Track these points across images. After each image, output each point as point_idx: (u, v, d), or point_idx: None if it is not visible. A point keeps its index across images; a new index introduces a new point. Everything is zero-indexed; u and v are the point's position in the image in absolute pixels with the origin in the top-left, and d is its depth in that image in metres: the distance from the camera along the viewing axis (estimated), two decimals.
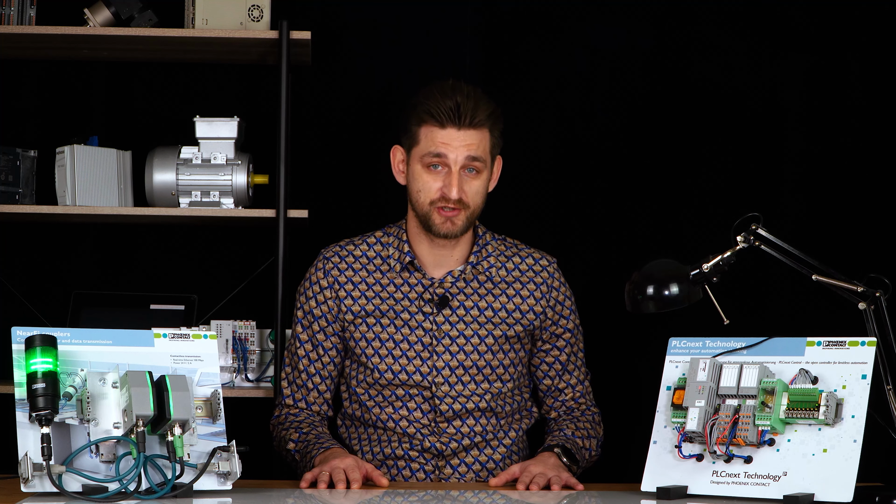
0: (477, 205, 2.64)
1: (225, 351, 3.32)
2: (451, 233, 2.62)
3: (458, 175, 2.59)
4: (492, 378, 2.67)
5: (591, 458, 2.69)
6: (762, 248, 2.37)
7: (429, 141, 2.60)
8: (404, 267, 2.69)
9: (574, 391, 2.74)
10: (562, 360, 2.73)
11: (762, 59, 3.59)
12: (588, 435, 2.68)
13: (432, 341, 2.65)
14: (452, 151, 2.59)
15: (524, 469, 2.47)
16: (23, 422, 2.12)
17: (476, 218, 2.67)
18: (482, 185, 2.63)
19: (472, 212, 2.63)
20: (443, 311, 2.67)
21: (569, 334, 2.74)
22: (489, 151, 2.63)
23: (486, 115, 2.60)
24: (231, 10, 3.35)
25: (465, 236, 2.70)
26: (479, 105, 2.60)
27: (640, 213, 3.59)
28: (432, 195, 2.61)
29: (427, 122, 2.60)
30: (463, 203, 2.60)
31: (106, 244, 3.61)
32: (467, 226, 2.64)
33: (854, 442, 2.13)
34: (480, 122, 2.59)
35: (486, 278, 2.70)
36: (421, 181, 2.62)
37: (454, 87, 2.61)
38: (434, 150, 2.59)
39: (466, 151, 2.59)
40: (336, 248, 2.75)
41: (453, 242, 2.68)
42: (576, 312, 2.77)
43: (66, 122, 3.58)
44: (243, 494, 2.22)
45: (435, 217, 2.62)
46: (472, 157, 2.59)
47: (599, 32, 3.60)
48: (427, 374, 2.64)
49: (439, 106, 2.58)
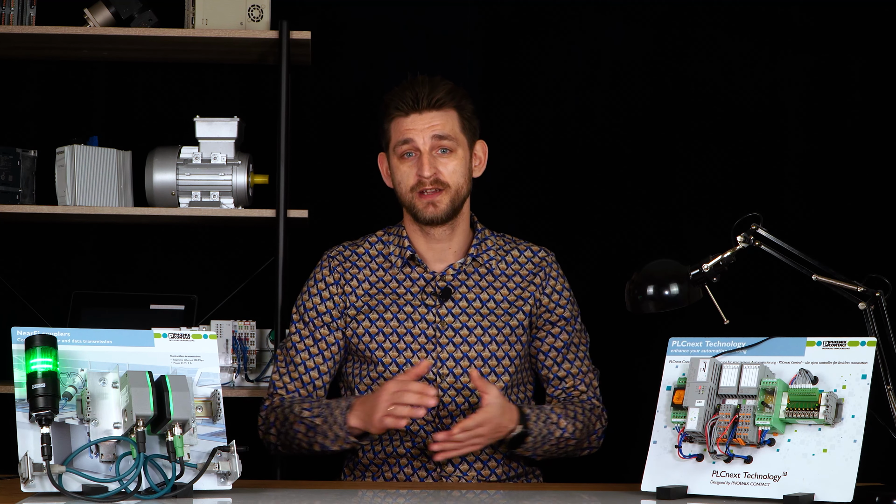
0: (458, 184, 2.67)
1: (225, 351, 3.32)
2: (435, 216, 2.65)
3: (430, 156, 2.65)
4: (498, 370, 2.67)
5: (567, 442, 2.63)
6: (762, 248, 2.37)
7: (397, 132, 2.67)
8: (405, 262, 2.71)
9: (575, 380, 2.73)
10: (557, 346, 2.72)
11: (762, 59, 3.59)
12: (572, 417, 2.64)
13: (436, 333, 2.66)
14: (418, 135, 2.65)
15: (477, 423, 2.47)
16: (23, 422, 2.12)
17: (462, 200, 2.68)
18: (459, 165, 2.67)
19: (455, 192, 2.66)
20: (445, 303, 2.68)
21: (564, 322, 2.73)
22: (459, 131, 2.68)
23: (444, 93, 2.67)
24: (231, 10, 3.35)
25: (462, 230, 2.72)
26: (437, 86, 2.67)
27: (640, 213, 3.59)
28: (410, 181, 2.66)
29: (393, 115, 2.68)
30: (441, 182, 2.64)
31: (106, 244, 3.61)
32: (452, 208, 2.66)
33: (854, 442, 2.13)
34: (441, 101, 2.66)
35: (486, 271, 2.72)
36: (399, 172, 2.68)
37: (412, 80, 2.70)
38: (401, 137, 2.66)
39: (431, 131, 2.65)
40: (339, 248, 2.78)
41: (448, 234, 2.70)
42: (574, 306, 2.77)
43: (66, 122, 3.58)
44: (243, 494, 2.22)
45: (417, 203, 2.66)
46: (439, 136, 2.65)
47: (599, 33, 3.60)
48: (432, 366, 2.65)
49: (400, 97, 2.67)
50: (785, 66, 3.59)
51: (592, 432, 2.70)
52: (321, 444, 2.58)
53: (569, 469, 2.92)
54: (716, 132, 3.59)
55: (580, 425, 2.65)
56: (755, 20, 3.59)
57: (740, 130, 3.59)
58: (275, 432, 2.66)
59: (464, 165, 2.68)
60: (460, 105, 2.69)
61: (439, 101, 2.66)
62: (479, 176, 2.77)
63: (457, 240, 2.73)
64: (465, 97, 2.71)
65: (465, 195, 2.70)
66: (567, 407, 2.67)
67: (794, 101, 3.59)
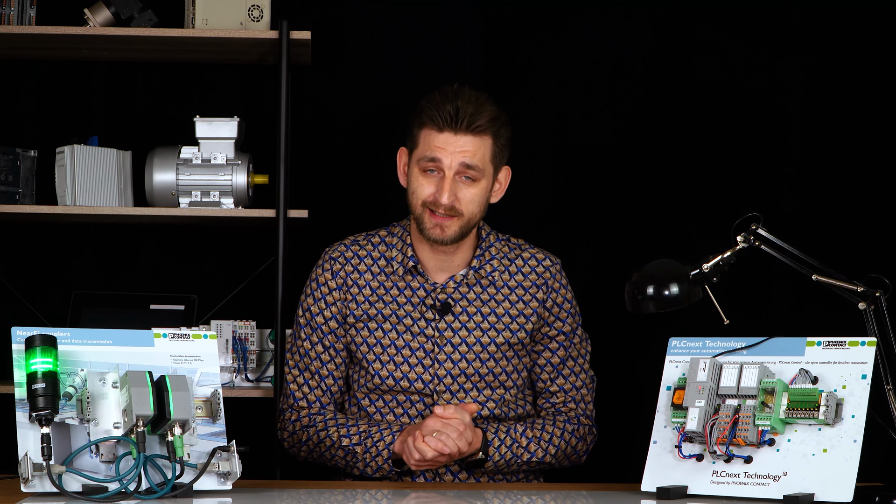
0: (472, 213, 2.60)
1: (225, 351, 3.32)
2: (440, 239, 2.59)
3: (452, 181, 2.56)
4: (494, 385, 2.66)
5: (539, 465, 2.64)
6: (762, 248, 2.37)
7: (426, 145, 2.58)
8: (407, 271, 2.68)
9: (566, 395, 2.71)
10: (553, 362, 2.71)
11: (762, 59, 3.59)
12: (547, 441, 2.63)
13: (434, 348, 2.64)
14: (447, 157, 2.56)
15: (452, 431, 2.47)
16: (23, 422, 2.12)
17: (473, 227, 2.63)
18: (479, 194, 2.59)
19: (467, 221, 2.60)
20: (445, 317, 2.65)
21: (563, 337, 2.71)
22: (489, 160, 2.59)
23: (486, 121, 2.56)
24: (231, 10, 3.35)
25: (468, 240, 2.67)
26: (481, 110, 2.56)
27: (640, 214, 3.59)
28: (424, 196, 2.58)
29: (426, 125, 2.58)
30: (456, 210, 2.57)
31: (106, 244, 3.61)
32: (460, 234, 2.60)
33: (854, 442, 2.13)
34: (480, 128, 2.56)
35: (488, 283, 2.69)
36: (416, 183, 2.60)
37: (457, 92, 2.58)
38: (430, 154, 2.57)
39: (461, 158, 2.56)
40: (341, 247, 2.73)
41: (453, 248, 2.65)
42: (575, 317, 2.75)
43: (66, 122, 3.58)
44: (243, 494, 2.22)
45: (426, 220, 2.59)
46: (467, 165, 2.56)
47: (600, 33, 3.60)
48: (429, 381, 2.63)
49: (439, 110, 2.56)
50: (785, 66, 3.59)
51: (573, 454, 2.69)
52: (361, 471, 2.58)
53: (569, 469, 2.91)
54: (716, 132, 3.59)
55: (554, 450, 2.64)
56: (755, 20, 3.59)
57: (740, 130, 3.59)
58: (306, 451, 2.66)
59: (483, 195, 2.61)
60: (497, 133, 2.59)
61: (479, 127, 2.56)
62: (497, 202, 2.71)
63: (461, 251, 2.68)
64: (504, 124, 2.61)
65: (476, 223, 2.63)
66: (546, 428, 2.65)
67: (794, 100, 3.58)
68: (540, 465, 2.64)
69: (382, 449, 2.54)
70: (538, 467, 2.66)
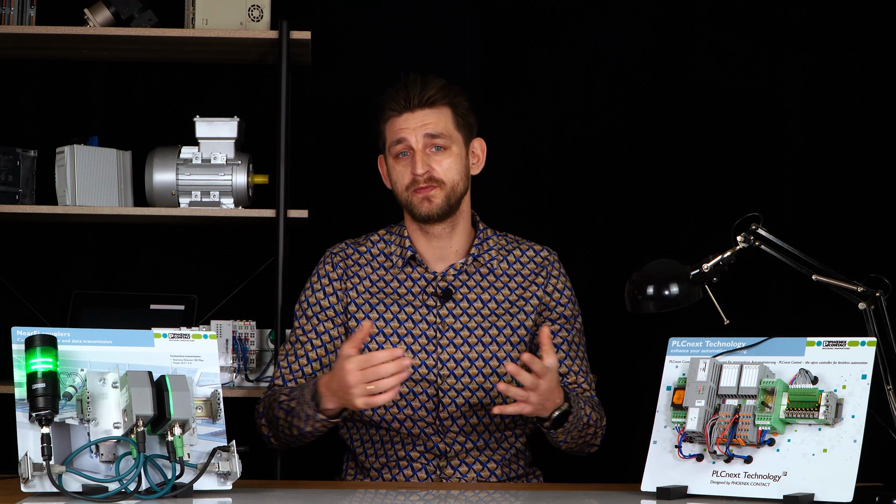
0: (453, 181, 2.66)
1: (225, 351, 3.32)
2: (430, 211, 2.65)
3: (422, 153, 2.64)
4: (500, 371, 2.66)
5: (587, 430, 2.60)
6: (762, 248, 2.37)
7: (391, 132, 2.68)
8: (406, 262, 2.71)
9: (577, 377, 2.71)
10: (557, 343, 2.71)
11: (762, 59, 3.59)
12: (590, 406, 2.62)
13: (437, 334, 2.66)
14: (410, 134, 2.65)
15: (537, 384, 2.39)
16: (23, 422, 2.12)
17: (459, 198, 2.67)
18: (454, 163, 2.66)
19: (451, 189, 2.65)
20: (446, 304, 2.67)
21: (564, 320, 2.72)
22: (453, 128, 2.68)
23: (436, 91, 2.66)
24: (231, 10, 3.35)
25: (463, 228, 2.71)
26: (428, 84, 2.67)
27: (640, 213, 3.59)
28: (406, 180, 2.66)
29: (387, 115, 2.69)
30: (435, 179, 2.64)
31: (106, 244, 3.61)
32: (448, 204, 2.65)
33: (854, 442, 2.13)
34: (433, 99, 2.66)
35: (487, 271, 2.71)
36: (395, 172, 2.68)
37: (404, 80, 2.69)
38: (395, 137, 2.66)
39: (424, 130, 2.65)
40: (342, 245, 2.77)
41: (448, 232, 2.69)
42: (575, 306, 2.76)
43: (66, 122, 3.58)
44: (243, 494, 2.22)
45: (413, 199, 2.66)
46: (431, 135, 2.65)
47: (599, 33, 3.60)
48: (433, 367, 2.64)
49: (393, 97, 2.68)
50: (785, 66, 3.59)
51: (601, 427, 2.69)
52: (298, 428, 2.52)
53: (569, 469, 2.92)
54: (716, 132, 3.59)
55: (596, 415, 2.65)
56: (755, 20, 3.59)
57: (740, 130, 3.59)
58: (265, 422, 2.64)
59: (459, 163, 2.68)
60: (454, 102, 2.69)
61: (431, 98, 2.66)
62: (478, 174, 2.76)
63: (457, 239, 2.72)
64: (459, 94, 2.71)
65: (461, 192, 2.69)
66: (580, 396, 2.65)
67: (794, 100, 3.58)
68: (588, 430, 2.59)
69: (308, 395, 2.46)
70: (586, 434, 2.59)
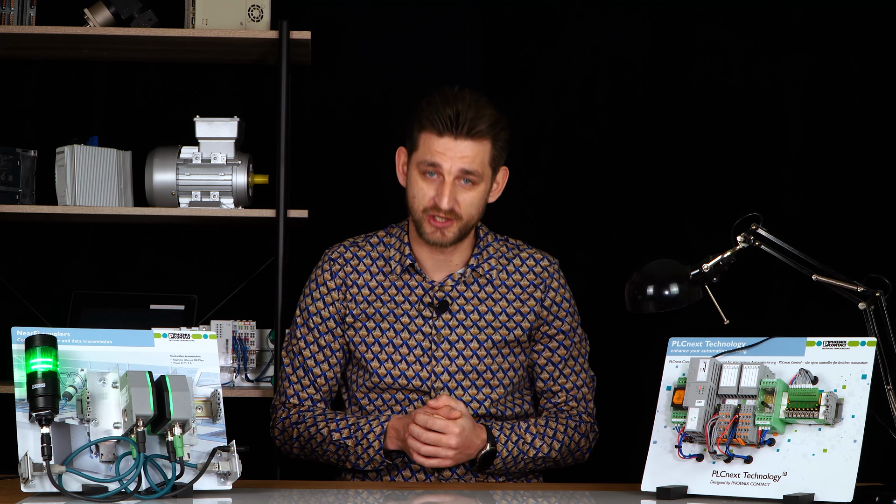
0: (471, 216, 2.61)
1: (225, 351, 3.32)
2: (440, 242, 2.60)
3: (452, 185, 2.57)
4: (493, 383, 2.66)
5: (544, 461, 2.64)
6: (762, 248, 2.37)
7: (426, 148, 2.58)
8: (405, 269, 2.68)
9: (567, 395, 2.71)
10: (554, 361, 2.71)
11: (762, 59, 3.59)
12: (551, 437, 2.63)
13: (431, 346, 2.65)
14: (447, 161, 2.56)
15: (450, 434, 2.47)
16: (23, 422, 2.12)
17: (471, 228, 2.64)
18: (477, 197, 2.60)
19: (466, 223, 2.61)
20: (442, 315, 2.66)
21: (562, 336, 2.71)
22: (488, 163, 2.60)
23: (486, 126, 2.56)
24: (231, 10, 3.35)
25: (466, 240, 2.68)
26: (481, 115, 2.56)
27: (640, 214, 3.59)
28: (425, 202, 2.59)
29: (426, 128, 2.58)
30: (455, 214, 2.58)
31: (106, 244, 3.61)
32: (459, 236, 2.61)
33: (854, 442, 2.13)
34: (480, 133, 2.56)
35: (486, 281, 2.69)
36: (416, 187, 2.60)
37: (457, 95, 2.57)
38: (429, 158, 2.57)
39: (461, 164, 2.56)
40: (341, 248, 2.74)
41: (451, 248, 2.66)
42: (574, 316, 2.75)
43: (66, 122, 3.58)
44: (243, 494, 2.22)
45: (426, 226, 2.60)
46: (466, 171, 2.56)
47: (599, 33, 3.60)
48: (426, 378, 2.64)
49: (439, 113, 2.55)
50: (785, 66, 3.59)
51: (577, 450, 2.69)
52: (353, 464, 2.59)
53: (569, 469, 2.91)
54: (716, 132, 3.59)
55: (558, 445, 2.64)
56: (755, 20, 3.59)
57: (740, 130, 3.59)
58: (298, 447, 2.66)
59: (482, 197, 2.62)
60: (497, 136, 2.59)
61: (479, 132, 2.56)
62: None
63: (460, 251, 2.69)
64: (504, 128, 2.61)
65: (474, 224, 2.64)
66: (549, 425, 2.65)
67: (794, 100, 3.59)
68: (545, 461, 2.64)
69: (373, 440, 2.55)
70: (543, 465, 2.65)
